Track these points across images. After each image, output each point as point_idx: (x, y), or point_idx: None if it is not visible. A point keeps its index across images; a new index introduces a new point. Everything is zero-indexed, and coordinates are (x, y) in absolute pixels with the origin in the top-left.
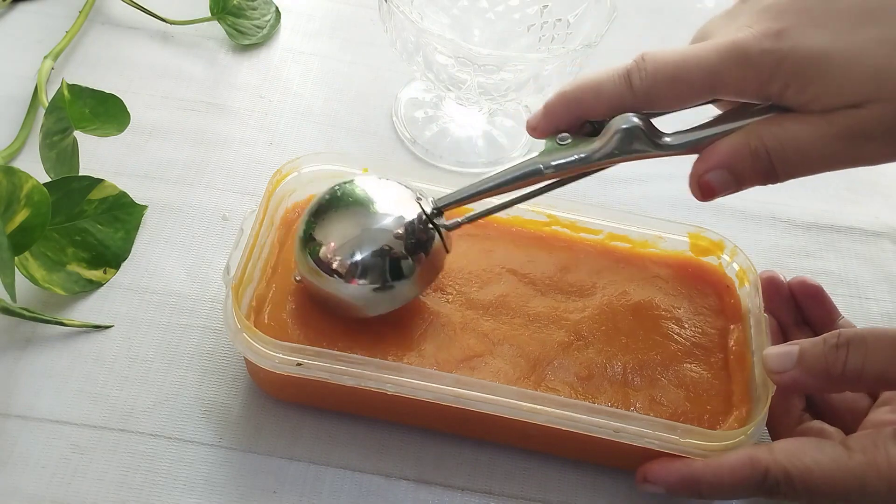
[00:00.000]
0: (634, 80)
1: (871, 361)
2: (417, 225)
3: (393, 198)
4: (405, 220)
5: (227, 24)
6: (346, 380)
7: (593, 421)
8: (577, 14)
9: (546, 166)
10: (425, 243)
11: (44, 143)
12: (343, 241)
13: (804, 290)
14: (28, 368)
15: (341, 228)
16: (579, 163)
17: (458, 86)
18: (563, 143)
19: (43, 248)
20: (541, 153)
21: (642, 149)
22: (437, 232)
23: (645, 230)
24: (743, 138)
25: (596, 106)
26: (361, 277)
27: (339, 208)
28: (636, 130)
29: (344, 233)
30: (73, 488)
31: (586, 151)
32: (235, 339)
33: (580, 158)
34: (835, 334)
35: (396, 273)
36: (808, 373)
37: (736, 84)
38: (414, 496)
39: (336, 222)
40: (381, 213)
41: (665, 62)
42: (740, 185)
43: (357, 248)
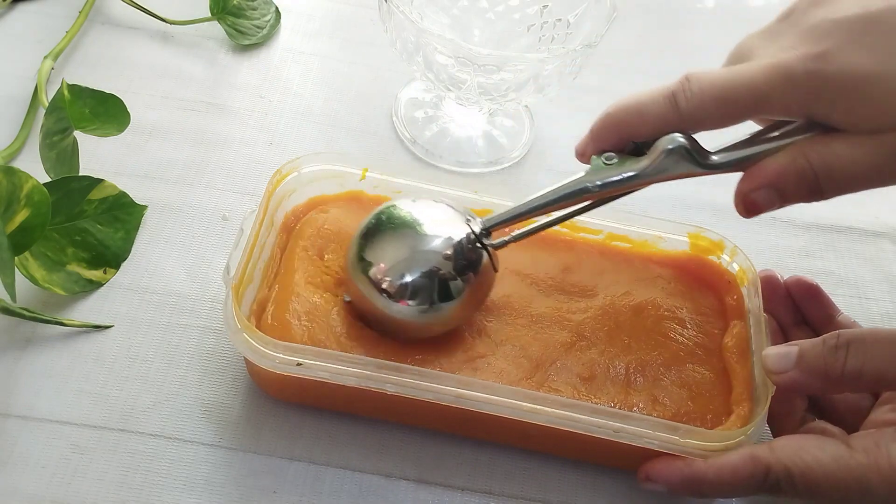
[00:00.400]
0: (680, 101)
1: (871, 362)
2: (466, 245)
3: (442, 218)
4: (454, 241)
5: (227, 24)
6: (347, 380)
7: (593, 421)
8: (577, 14)
9: (593, 185)
10: (474, 263)
11: (44, 143)
12: (393, 262)
13: (801, 289)
14: (28, 368)
15: (392, 250)
16: (626, 181)
17: (458, 86)
18: (610, 162)
19: (43, 248)
20: (587, 172)
21: (689, 167)
22: (485, 251)
23: (645, 230)
24: (789, 158)
25: (641, 127)
26: (412, 298)
27: (390, 230)
28: (683, 150)
29: (394, 254)
30: (73, 488)
31: (633, 170)
32: (235, 339)
33: (627, 177)
34: (834, 335)
35: (446, 294)
36: (808, 373)
37: (781, 104)
38: (414, 496)
39: (386, 244)
40: (431, 234)
41: (711, 83)
42: (785, 202)
43: (407, 270)
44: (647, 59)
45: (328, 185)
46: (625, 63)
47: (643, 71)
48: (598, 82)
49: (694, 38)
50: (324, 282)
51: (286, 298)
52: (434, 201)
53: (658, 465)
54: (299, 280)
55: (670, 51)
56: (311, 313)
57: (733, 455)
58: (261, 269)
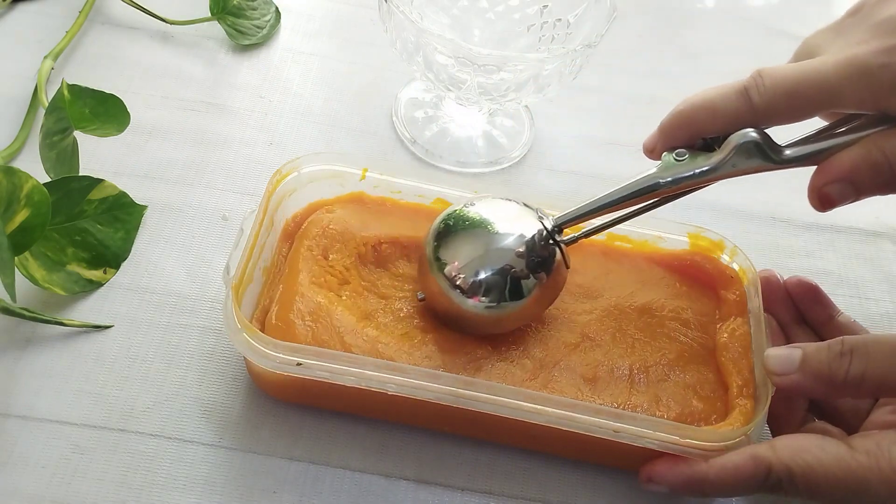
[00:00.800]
0: (753, 96)
1: (873, 369)
2: (539, 242)
3: (514, 216)
4: (526, 238)
5: (226, 24)
6: (347, 380)
7: (593, 421)
8: (577, 14)
9: (665, 181)
10: (547, 260)
11: (44, 143)
12: (468, 260)
13: (801, 289)
14: (28, 368)
15: (466, 248)
16: (698, 177)
17: (458, 86)
18: (681, 158)
19: (43, 248)
20: (658, 168)
21: (761, 162)
22: (558, 248)
23: (645, 230)
24: (864, 151)
25: (712, 123)
26: (486, 295)
27: (463, 229)
28: (756, 145)
29: (469, 252)
30: (73, 488)
31: (706, 166)
32: (235, 339)
33: (700, 173)
34: (838, 341)
35: (521, 290)
36: (811, 378)
37: (854, 98)
38: (414, 496)
39: (461, 242)
40: (504, 231)
41: (784, 78)
42: (860, 195)
43: (482, 267)
44: (647, 59)
45: (328, 185)
46: (625, 63)
47: (643, 71)
48: (598, 82)
49: (694, 38)
50: (328, 282)
51: (290, 299)
52: (506, 199)
53: (659, 466)
54: (303, 280)
55: (670, 51)
56: (315, 313)
57: (735, 455)
58: (261, 269)
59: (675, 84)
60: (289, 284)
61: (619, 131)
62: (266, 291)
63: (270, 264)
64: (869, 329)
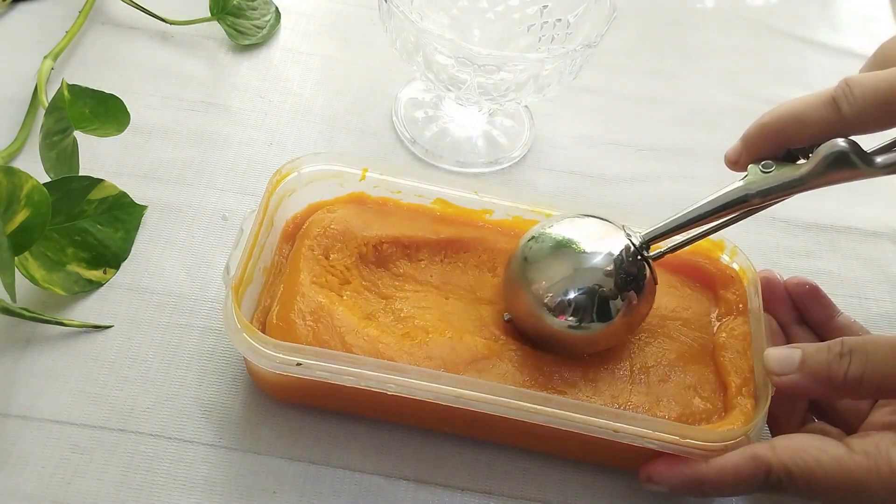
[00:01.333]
0: (843, 106)
1: (872, 371)
2: (626, 259)
3: (601, 234)
4: (614, 255)
5: (226, 24)
6: (346, 380)
7: (593, 421)
8: (577, 14)
9: (754, 193)
10: (638, 276)
11: (44, 143)
12: (557, 280)
13: (801, 289)
14: (28, 368)
15: (555, 268)
16: (787, 187)
17: (458, 86)
18: (769, 170)
19: (43, 248)
20: (745, 180)
21: (852, 171)
22: (646, 264)
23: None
24: None
25: (801, 134)
26: (575, 315)
27: (550, 248)
28: (847, 154)
29: (557, 272)
30: (72, 488)
31: (795, 177)
32: (235, 339)
33: (788, 183)
34: (838, 342)
35: (612, 308)
36: (810, 378)
37: None
38: (414, 496)
39: (549, 262)
40: (592, 249)
41: (874, 87)
42: None
43: (571, 286)
44: (647, 59)
45: (328, 186)
46: (625, 63)
47: (643, 71)
48: (598, 82)
49: (694, 38)
50: (329, 282)
51: (291, 298)
52: (590, 216)
53: (659, 466)
54: (304, 280)
55: (670, 51)
56: (316, 313)
57: (735, 455)
58: (261, 269)
59: (675, 84)
60: (289, 284)
61: (619, 131)
62: (266, 291)
63: (270, 264)
64: (869, 329)
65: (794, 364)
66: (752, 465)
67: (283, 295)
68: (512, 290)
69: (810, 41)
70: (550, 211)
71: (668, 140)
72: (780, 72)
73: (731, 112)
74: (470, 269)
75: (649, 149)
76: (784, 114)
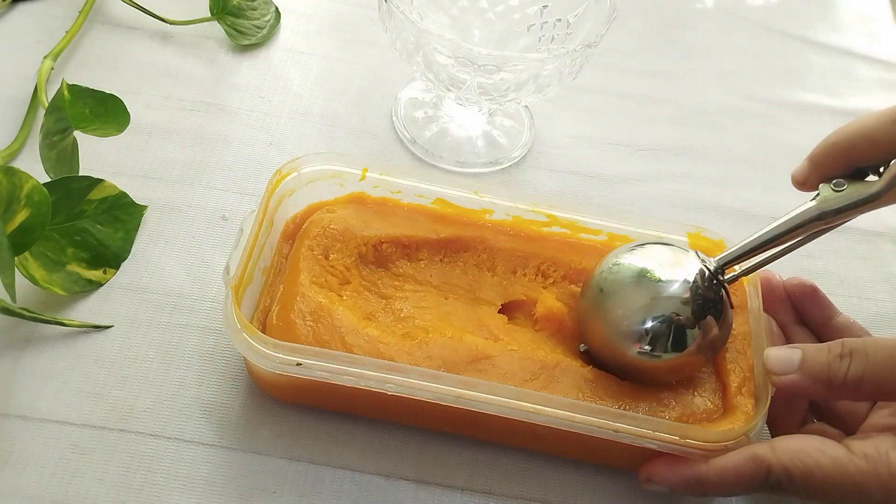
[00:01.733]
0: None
1: (871, 373)
2: (702, 284)
3: (674, 261)
4: (690, 283)
5: (226, 24)
6: (346, 380)
7: (593, 421)
8: (577, 14)
9: (829, 212)
10: (716, 302)
11: (44, 143)
12: (634, 310)
13: (800, 290)
14: (28, 368)
15: (632, 299)
16: (860, 205)
17: (458, 86)
18: (840, 188)
19: (43, 248)
20: (818, 199)
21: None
22: (722, 289)
23: (645, 230)
24: None
25: (871, 152)
26: (651, 344)
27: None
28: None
29: (635, 302)
30: (72, 488)
31: (869, 193)
32: (235, 339)
33: (863, 200)
34: (838, 343)
35: (687, 336)
36: (810, 379)
37: None
38: (414, 496)
39: (626, 293)
40: (668, 278)
41: None
42: None
43: (649, 315)
44: (647, 59)
45: (328, 186)
46: (625, 63)
47: (643, 71)
48: (598, 82)
49: (694, 38)
50: (329, 282)
51: (291, 299)
52: (662, 244)
53: (659, 466)
54: (304, 280)
55: (670, 51)
56: (316, 313)
57: (735, 455)
58: (261, 269)
59: (675, 84)
60: (289, 284)
61: (619, 131)
62: (266, 292)
63: (270, 264)
64: (869, 329)
65: (794, 364)
66: (753, 465)
67: (282, 295)
68: (588, 320)
69: (810, 41)
70: (551, 211)
71: (668, 140)
72: (780, 72)
73: (731, 112)
74: (470, 269)
75: (649, 149)
76: (853, 133)
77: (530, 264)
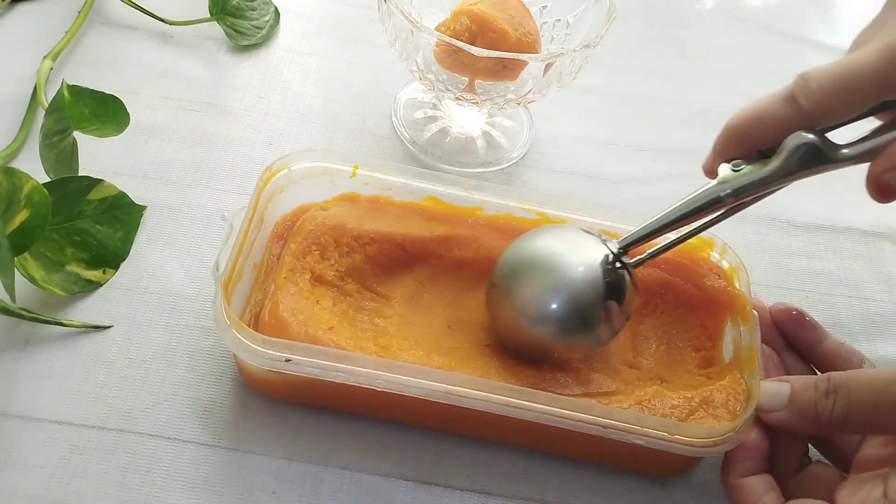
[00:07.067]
0: (801, 100)
1: (854, 411)
2: (606, 266)
3: (578, 243)
4: (595, 263)
5: (226, 24)
6: (336, 376)
7: (582, 417)
8: (576, 14)
9: (725, 193)
10: (618, 283)
11: (43, 143)
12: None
13: (785, 315)
14: (28, 368)
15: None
16: (758, 185)
17: (458, 86)
18: (738, 168)
19: (42, 248)
20: (717, 182)
21: (820, 163)
22: (626, 271)
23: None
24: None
25: (764, 133)
26: (557, 325)
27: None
28: (812, 147)
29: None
30: (72, 489)
31: (764, 173)
32: (224, 336)
33: (759, 180)
34: (825, 379)
35: (596, 315)
36: (797, 416)
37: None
38: (413, 496)
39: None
40: (573, 259)
41: (830, 76)
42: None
43: (553, 297)
44: (647, 59)
45: (319, 183)
46: (625, 63)
47: (643, 71)
48: (598, 82)
49: (694, 38)
50: (321, 279)
51: (283, 296)
52: (567, 228)
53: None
54: (296, 277)
55: (670, 51)
56: (307, 310)
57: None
58: (251, 266)
59: (675, 84)
60: (281, 281)
61: (619, 131)
62: (257, 289)
63: (261, 261)
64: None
65: (783, 400)
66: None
67: (273, 292)
68: (494, 305)
69: (810, 41)
70: (542, 209)
71: (668, 140)
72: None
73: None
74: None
75: (649, 149)
76: (745, 116)
77: None
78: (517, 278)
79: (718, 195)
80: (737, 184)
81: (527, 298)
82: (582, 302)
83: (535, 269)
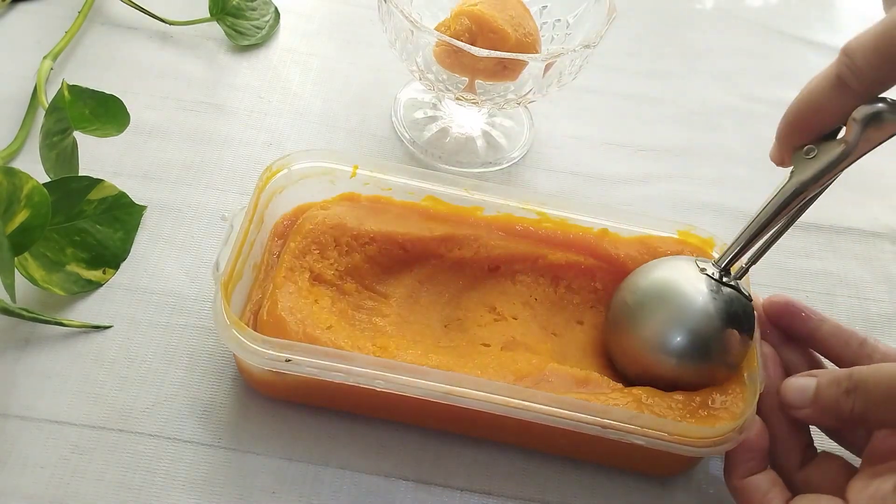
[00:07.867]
0: (853, 84)
1: (873, 407)
2: (714, 290)
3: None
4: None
5: (226, 24)
6: (336, 376)
7: (581, 417)
8: (576, 14)
9: (807, 180)
10: (731, 303)
11: (44, 143)
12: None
13: (775, 307)
14: (27, 368)
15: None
16: (837, 163)
17: (458, 86)
18: (811, 155)
19: (42, 248)
20: (793, 173)
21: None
22: (733, 288)
23: (635, 227)
24: None
25: (824, 120)
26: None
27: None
28: (878, 114)
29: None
30: (72, 489)
31: (839, 151)
32: (224, 335)
33: (836, 159)
34: (847, 376)
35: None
36: (821, 413)
37: None
38: (413, 496)
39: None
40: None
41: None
42: None
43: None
44: (647, 59)
45: (319, 183)
46: (625, 63)
47: (643, 71)
48: (598, 82)
49: (694, 38)
50: (320, 279)
51: (282, 295)
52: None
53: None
54: (296, 277)
55: (670, 51)
56: (306, 310)
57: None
58: (251, 265)
59: (675, 84)
60: (280, 280)
61: (619, 131)
62: (257, 288)
63: (261, 261)
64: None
65: (809, 397)
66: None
67: (272, 291)
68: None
69: (810, 41)
70: (542, 209)
71: (668, 140)
72: (780, 72)
73: (730, 112)
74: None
75: (649, 149)
76: (801, 107)
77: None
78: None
79: (800, 185)
80: (814, 170)
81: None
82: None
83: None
